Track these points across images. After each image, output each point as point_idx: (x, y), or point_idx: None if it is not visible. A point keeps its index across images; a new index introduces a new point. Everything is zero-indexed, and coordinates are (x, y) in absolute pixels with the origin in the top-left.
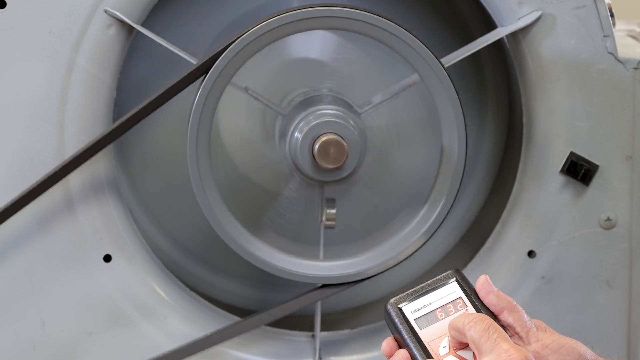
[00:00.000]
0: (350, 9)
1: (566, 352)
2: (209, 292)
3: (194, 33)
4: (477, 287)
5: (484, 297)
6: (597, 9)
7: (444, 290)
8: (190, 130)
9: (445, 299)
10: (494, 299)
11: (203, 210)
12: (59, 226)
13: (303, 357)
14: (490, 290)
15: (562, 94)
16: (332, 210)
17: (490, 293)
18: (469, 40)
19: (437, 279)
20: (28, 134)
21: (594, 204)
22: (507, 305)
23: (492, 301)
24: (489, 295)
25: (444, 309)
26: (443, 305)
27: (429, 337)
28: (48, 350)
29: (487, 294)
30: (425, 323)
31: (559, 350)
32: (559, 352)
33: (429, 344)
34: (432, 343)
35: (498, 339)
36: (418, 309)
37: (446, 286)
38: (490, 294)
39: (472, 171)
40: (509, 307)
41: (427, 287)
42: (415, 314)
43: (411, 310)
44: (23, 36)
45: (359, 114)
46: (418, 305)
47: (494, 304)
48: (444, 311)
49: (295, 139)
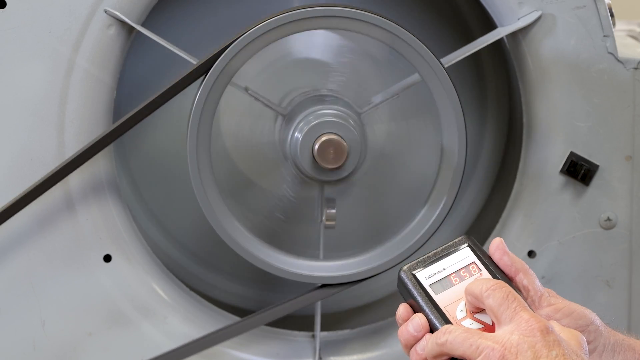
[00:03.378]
0: (350, 9)
1: (577, 316)
2: (209, 292)
3: (194, 33)
4: (491, 249)
5: (499, 259)
6: (597, 9)
7: (457, 256)
8: (190, 130)
9: (459, 264)
10: (508, 261)
11: (203, 210)
12: (59, 226)
13: (303, 357)
14: (505, 252)
15: (562, 94)
16: (332, 210)
17: (505, 254)
18: (469, 40)
19: (449, 244)
20: (28, 134)
21: (594, 204)
22: (521, 267)
23: (506, 263)
24: (503, 257)
25: (458, 274)
26: (457, 271)
27: (445, 302)
28: (48, 350)
29: (502, 256)
30: (441, 288)
31: (570, 315)
32: (571, 316)
33: (446, 309)
34: (448, 307)
35: (518, 308)
36: (432, 274)
37: (459, 252)
38: (505, 256)
39: (472, 171)
40: (523, 270)
41: (440, 253)
42: (429, 279)
43: (425, 276)
44: (23, 36)
45: (359, 114)
46: (432, 271)
47: (509, 266)
48: (458, 276)
49: (295, 139)
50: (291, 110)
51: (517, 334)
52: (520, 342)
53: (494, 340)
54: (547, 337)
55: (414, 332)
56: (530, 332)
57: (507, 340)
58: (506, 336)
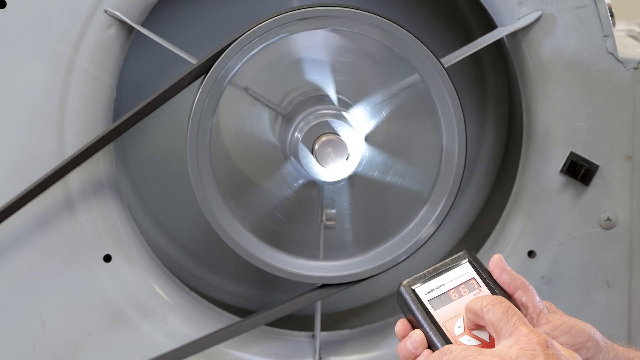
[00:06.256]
0: (350, 9)
1: (576, 333)
2: (209, 292)
3: (194, 33)
4: (490, 265)
5: (498, 275)
6: (597, 9)
7: (457, 271)
8: (190, 130)
9: (458, 280)
10: (507, 278)
11: (203, 210)
12: (59, 226)
13: (303, 357)
14: (504, 269)
15: (562, 94)
16: (332, 210)
17: (504, 272)
18: (469, 40)
19: (449, 260)
20: (28, 134)
21: (594, 204)
22: (520, 284)
23: (505, 280)
24: (502, 274)
25: (458, 290)
26: (456, 286)
27: (443, 318)
28: (48, 350)
29: (501, 273)
30: (439, 304)
31: (569, 332)
32: (569, 333)
33: (444, 325)
34: (446, 323)
35: (517, 322)
36: (431, 290)
37: (459, 267)
38: (504, 273)
39: (472, 171)
40: (522, 287)
41: (440, 268)
42: (428, 295)
43: (424, 291)
44: (23, 36)
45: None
46: (431, 286)
47: (508, 283)
48: (457, 292)
49: (295, 139)
50: (291, 110)
51: (517, 347)
52: (519, 356)
53: (493, 355)
54: (547, 351)
55: (412, 349)
56: (530, 345)
57: (506, 354)
58: (505, 350)
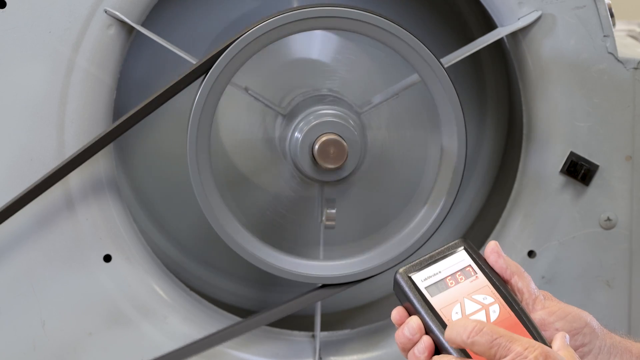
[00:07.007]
0: (350, 9)
1: (572, 319)
2: (209, 292)
3: (194, 33)
4: (486, 252)
5: (494, 262)
6: (597, 9)
7: (454, 259)
8: (190, 130)
9: (455, 267)
10: (503, 264)
11: (203, 210)
12: (59, 226)
13: (303, 357)
14: (500, 255)
15: (562, 94)
16: (332, 210)
17: (500, 257)
18: (469, 40)
19: (445, 247)
20: (28, 134)
21: (594, 204)
22: (516, 270)
23: (502, 266)
24: (499, 261)
25: (454, 277)
26: (453, 273)
27: (440, 304)
28: (48, 350)
29: (497, 259)
30: (436, 291)
31: (565, 317)
32: (565, 319)
33: (441, 311)
34: (444, 310)
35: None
36: (428, 277)
37: (455, 254)
38: (501, 259)
39: (472, 171)
40: (518, 273)
41: (436, 256)
42: (425, 282)
43: (421, 278)
44: (23, 36)
45: (359, 114)
46: (428, 273)
47: (504, 269)
48: (454, 279)
49: (295, 139)
50: (291, 110)
51: None
52: None
53: None
54: None
55: (409, 335)
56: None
57: None
58: None
